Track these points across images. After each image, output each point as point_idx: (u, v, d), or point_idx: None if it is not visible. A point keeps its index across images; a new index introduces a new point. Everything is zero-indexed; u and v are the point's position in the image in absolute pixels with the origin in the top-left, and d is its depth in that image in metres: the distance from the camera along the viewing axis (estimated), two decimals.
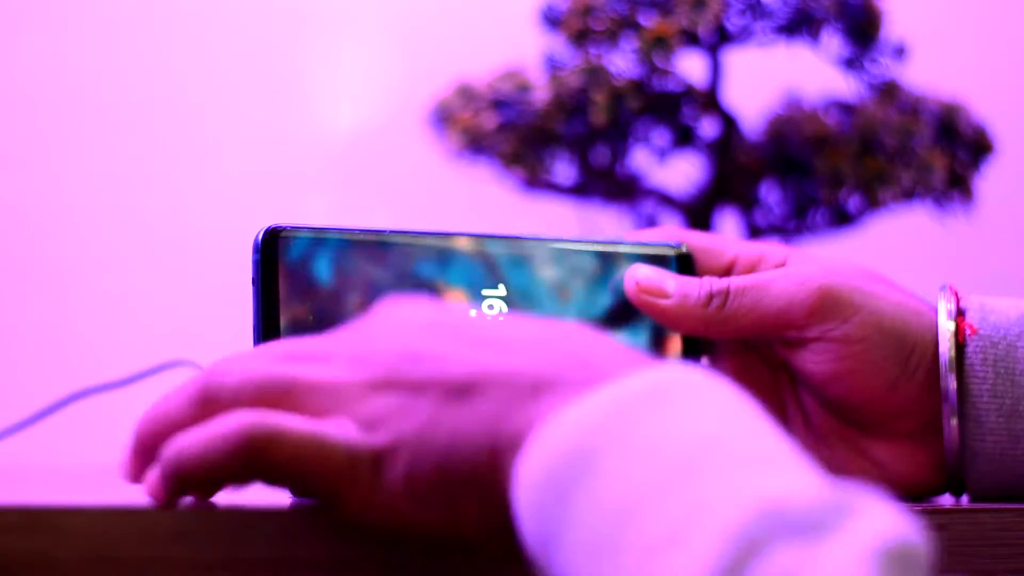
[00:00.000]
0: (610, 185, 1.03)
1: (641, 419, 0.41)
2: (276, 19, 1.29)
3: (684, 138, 1.04)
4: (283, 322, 0.55)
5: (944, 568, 0.55)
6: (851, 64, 1.03)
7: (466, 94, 1.03)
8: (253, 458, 0.45)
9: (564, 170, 1.03)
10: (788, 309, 0.61)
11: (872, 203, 1.01)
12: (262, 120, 1.28)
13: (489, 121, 1.01)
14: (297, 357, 0.47)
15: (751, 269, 0.64)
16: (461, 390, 0.45)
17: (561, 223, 1.12)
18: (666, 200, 1.04)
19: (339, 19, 1.31)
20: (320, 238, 0.57)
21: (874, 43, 1.02)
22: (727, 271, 0.65)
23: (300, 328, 0.56)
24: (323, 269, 0.57)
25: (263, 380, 0.46)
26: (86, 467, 0.94)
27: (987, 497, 0.61)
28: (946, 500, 0.63)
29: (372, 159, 1.30)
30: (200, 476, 0.46)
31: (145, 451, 0.48)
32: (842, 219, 1.03)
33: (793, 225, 1.04)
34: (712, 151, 1.03)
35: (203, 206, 1.28)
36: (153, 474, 0.47)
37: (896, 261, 1.12)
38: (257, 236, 0.56)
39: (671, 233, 0.65)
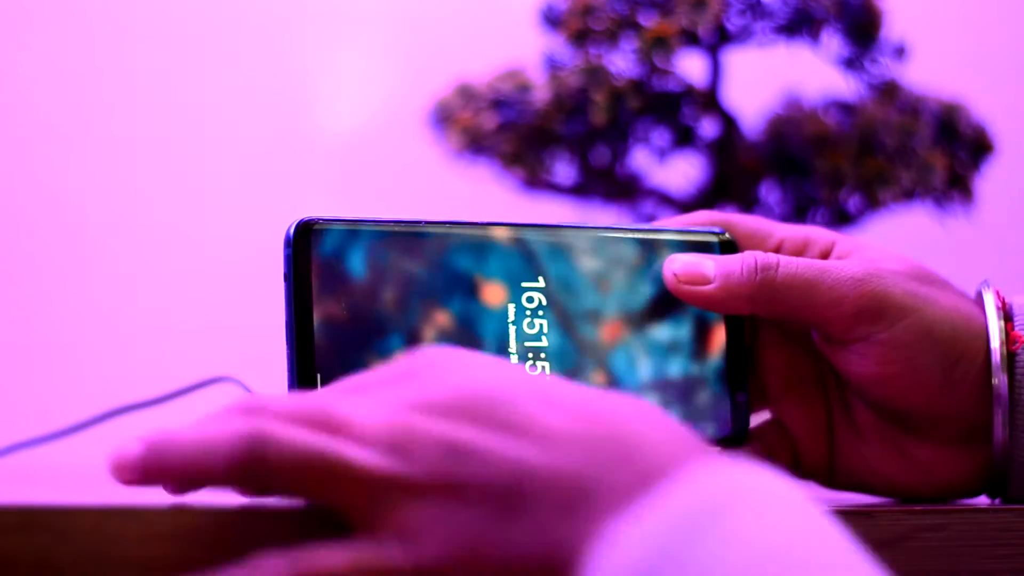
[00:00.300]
0: (610, 185, 1.03)
1: (700, 538, 0.40)
2: (277, 19, 1.29)
3: (684, 138, 1.04)
4: (317, 318, 0.54)
5: (944, 568, 0.55)
6: (851, 64, 1.03)
7: (466, 94, 1.03)
8: (248, 469, 0.44)
9: (564, 170, 1.03)
10: (838, 303, 0.59)
11: (872, 203, 1.01)
12: (263, 120, 1.28)
13: (489, 121, 1.01)
14: (337, 422, 0.45)
15: (797, 253, 0.63)
16: (507, 500, 0.43)
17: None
18: (666, 200, 1.04)
19: (339, 19, 1.31)
20: (353, 230, 0.55)
21: (874, 43, 1.02)
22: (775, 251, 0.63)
23: (335, 325, 0.54)
24: (357, 263, 0.55)
25: (305, 452, 0.44)
26: (87, 468, 0.94)
27: None
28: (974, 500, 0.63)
29: (372, 159, 1.30)
30: (181, 471, 0.44)
31: (147, 481, 0.46)
32: (842, 219, 1.03)
33: None
34: (712, 151, 1.03)
35: (203, 206, 1.27)
36: (131, 450, 0.45)
37: None
38: (289, 230, 0.55)
39: (714, 218, 0.63)
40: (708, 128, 1.04)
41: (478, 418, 0.44)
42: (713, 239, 0.62)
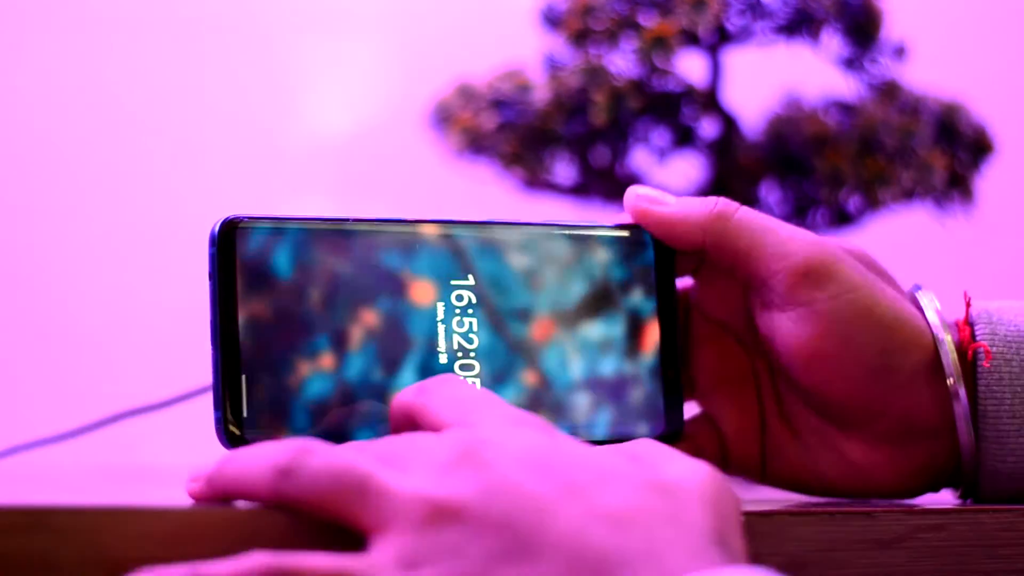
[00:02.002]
0: (610, 185, 1.03)
1: None
2: (276, 19, 1.29)
3: (684, 138, 1.04)
4: (242, 318, 0.53)
5: (944, 568, 0.55)
6: (851, 64, 1.03)
7: (466, 94, 1.03)
8: (288, 474, 0.45)
9: (564, 170, 1.03)
10: (787, 257, 0.58)
11: (872, 203, 1.01)
12: (263, 120, 1.28)
13: (489, 121, 1.01)
14: (385, 460, 0.46)
15: None
16: (522, 549, 0.43)
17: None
18: None
19: (339, 19, 1.31)
20: (280, 228, 0.54)
21: (874, 43, 1.02)
22: None
23: (260, 324, 0.54)
24: (283, 261, 0.54)
25: (342, 462, 0.46)
26: (87, 468, 0.94)
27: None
28: (945, 500, 0.63)
29: (372, 159, 1.30)
30: (234, 479, 0.47)
31: (214, 494, 0.48)
32: (842, 219, 1.03)
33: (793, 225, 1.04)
34: (712, 151, 1.03)
35: (203, 207, 1.27)
36: (207, 467, 0.48)
37: (896, 261, 1.12)
38: (213, 228, 0.54)
39: (700, 205, 0.62)
40: (708, 128, 1.04)
41: (534, 464, 0.45)
42: (648, 237, 0.61)
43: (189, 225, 1.28)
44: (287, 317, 0.54)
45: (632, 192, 0.60)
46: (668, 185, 1.05)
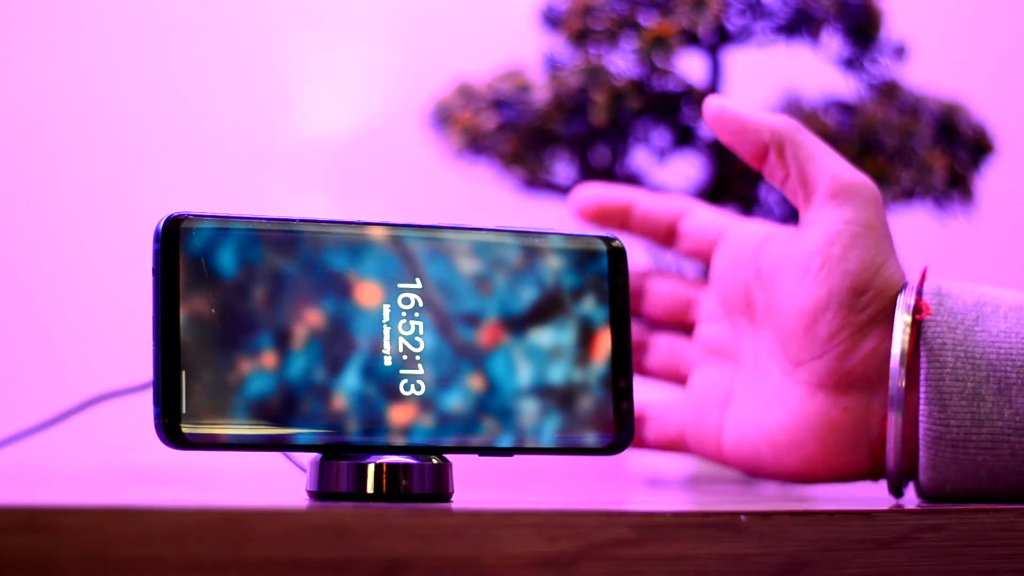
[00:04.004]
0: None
1: None
2: (275, 19, 1.29)
3: (684, 138, 1.04)
4: (183, 315, 0.53)
5: (944, 568, 0.55)
6: (851, 64, 1.03)
7: (466, 94, 1.03)
8: None
9: (564, 170, 1.03)
10: (837, 174, 0.64)
11: None
12: (262, 120, 1.28)
13: (489, 121, 1.01)
14: None
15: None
16: None
17: (561, 223, 1.12)
18: None
19: (339, 19, 1.31)
20: (224, 227, 0.55)
21: (874, 43, 1.02)
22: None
23: (202, 322, 0.54)
24: (227, 259, 0.54)
25: None
26: (86, 468, 0.94)
27: (943, 484, 0.61)
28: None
29: (372, 159, 1.30)
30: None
31: None
32: None
33: (793, 225, 1.04)
34: (712, 151, 1.03)
35: (202, 206, 1.27)
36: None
37: None
38: (158, 225, 0.54)
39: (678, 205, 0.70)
40: (708, 128, 1.04)
41: None
42: (602, 246, 0.61)
43: None
44: (229, 315, 0.54)
45: (709, 100, 0.67)
46: (668, 185, 1.05)
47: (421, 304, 0.57)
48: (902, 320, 0.61)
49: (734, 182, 1.03)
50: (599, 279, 0.60)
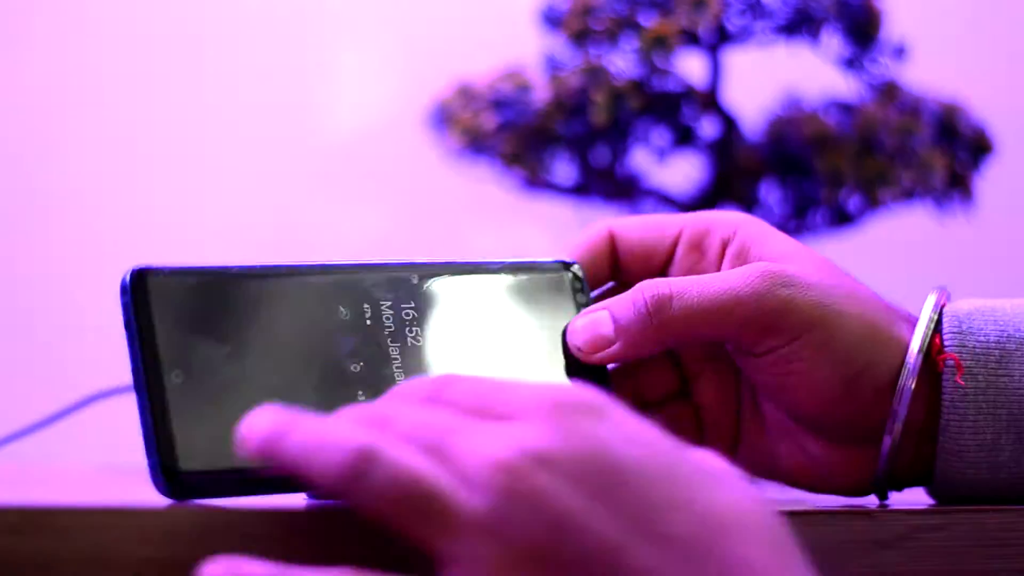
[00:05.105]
0: (610, 185, 1.03)
1: None
2: (277, 21, 1.29)
3: (684, 138, 1.04)
4: (165, 364, 0.52)
5: (944, 568, 0.55)
6: (851, 64, 1.03)
7: (466, 94, 1.03)
8: (350, 484, 0.43)
9: (564, 170, 1.03)
10: (746, 326, 0.58)
11: (872, 203, 1.01)
12: (263, 121, 1.28)
13: (489, 121, 1.01)
14: (449, 452, 0.44)
15: (696, 245, 0.62)
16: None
17: (561, 223, 1.12)
18: (666, 200, 1.04)
19: (340, 20, 1.31)
20: (192, 277, 0.53)
21: (874, 43, 1.02)
22: (671, 250, 0.62)
23: (182, 366, 0.52)
24: (198, 310, 0.53)
25: (408, 478, 0.43)
26: (87, 468, 0.94)
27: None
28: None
29: (372, 159, 1.30)
30: (292, 467, 0.44)
31: (271, 457, 0.45)
32: (842, 219, 1.03)
33: (793, 225, 1.04)
34: (712, 151, 1.03)
35: (203, 206, 1.27)
36: (259, 426, 0.44)
37: (896, 261, 1.12)
38: (124, 277, 0.53)
39: (599, 229, 0.62)
40: (708, 128, 1.04)
41: (598, 491, 0.43)
42: (563, 274, 0.60)
43: (189, 224, 1.28)
44: (207, 357, 0.52)
45: (574, 347, 0.59)
46: (668, 185, 1.05)
47: (394, 336, 0.56)
48: (913, 362, 0.59)
49: (734, 182, 1.03)
50: (568, 305, 0.60)
